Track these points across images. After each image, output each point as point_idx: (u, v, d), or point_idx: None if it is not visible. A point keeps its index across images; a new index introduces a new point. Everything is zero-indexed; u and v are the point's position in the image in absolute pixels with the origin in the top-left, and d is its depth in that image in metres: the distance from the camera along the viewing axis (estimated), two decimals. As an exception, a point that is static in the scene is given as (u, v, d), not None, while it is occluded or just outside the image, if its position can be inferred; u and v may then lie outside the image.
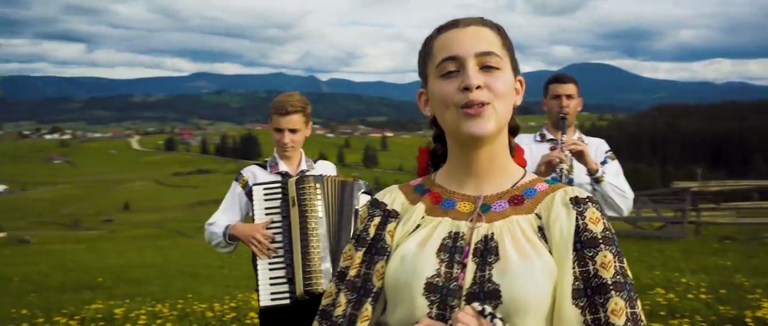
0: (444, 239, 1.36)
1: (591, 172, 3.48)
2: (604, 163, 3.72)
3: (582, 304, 1.25)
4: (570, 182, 3.55)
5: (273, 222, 3.13)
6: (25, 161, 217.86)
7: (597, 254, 1.28)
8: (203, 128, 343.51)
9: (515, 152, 1.50)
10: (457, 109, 1.31)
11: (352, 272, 1.39)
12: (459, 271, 1.32)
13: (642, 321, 1.28)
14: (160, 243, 26.66)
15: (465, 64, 1.32)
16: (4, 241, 42.98)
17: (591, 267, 1.27)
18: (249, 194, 3.23)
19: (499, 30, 1.40)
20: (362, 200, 3.17)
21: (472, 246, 1.34)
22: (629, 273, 1.32)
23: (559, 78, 3.76)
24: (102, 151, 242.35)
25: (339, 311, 1.37)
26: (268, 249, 3.07)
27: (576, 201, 1.35)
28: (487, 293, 1.26)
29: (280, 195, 3.14)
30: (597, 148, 3.75)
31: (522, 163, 1.50)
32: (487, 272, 1.29)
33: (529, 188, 1.41)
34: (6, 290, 10.00)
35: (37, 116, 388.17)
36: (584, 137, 3.84)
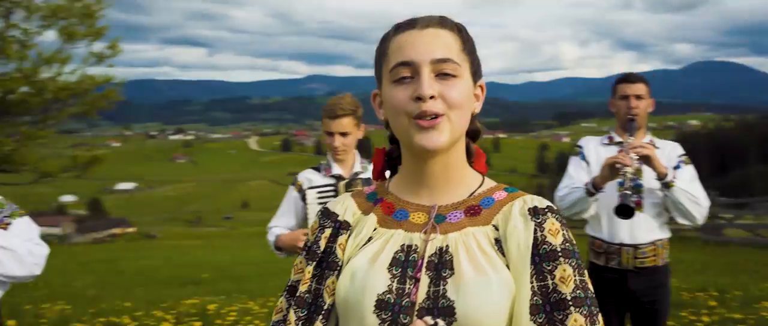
0: (396, 253, 1.29)
1: (660, 177, 3.32)
2: (677, 167, 3.48)
3: (540, 321, 1.19)
4: (638, 188, 3.40)
5: None
6: (151, 161, 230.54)
7: (556, 268, 1.22)
8: (317, 129, 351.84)
9: (476, 157, 1.41)
10: (409, 118, 1.24)
11: (303, 287, 1.33)
12: (411, 287, 1.25)
13: None
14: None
15: (419, 71, 1.24)
16: (134, 236, 45.68)
17: (550, 282, 1.21)
18: (304, 198, 3.29)
19: (460, 31, 1.31)
20: None
21: (426, 260, 1.27)
22: (590, 286, 1.24)
23: (627, 77, 3.60)
24: (222, 151, 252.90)
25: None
26: None
27: (535, 212, 1.27)
28: (440, 309, 1.20)
29: (332, 199, 3.14)
30: (670, 152, 3.56)
31: (482, 169, 1.41)
32: (442, 287, 1.22)
33: (486, 197, 1.33)
34: (119, 283, 10.58)
35: (162, 118, 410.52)
36: (657, 140, 3.64)
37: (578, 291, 1.20)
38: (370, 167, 3.33)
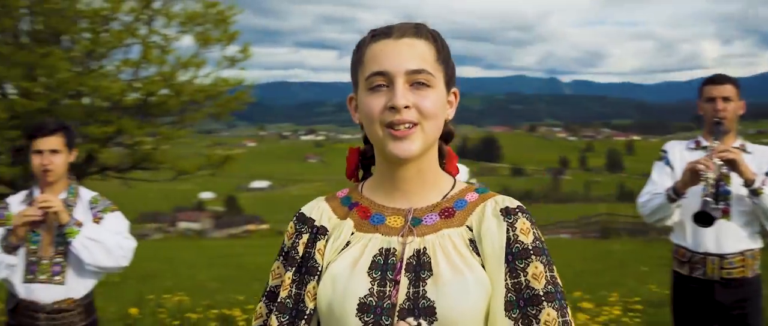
0: (375, 256, 1.33)
1: (747, 183, 3.18)
2: None
3: (515, 316, 1.26)
4: (726, 194, 3.25)
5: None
6: (284, 160, 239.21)
7: (528, 265, 1.28)
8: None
9: (447, 159, 1.45)
10: (383, 127, 1.29)
11: (283, 293, 1.34)
12: (392, 289, 1.29)
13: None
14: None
15: (394, 81, 1.27)
16: (266, 232, 47.44)
17: (523, 279, 1.27)
18: None
19: (435, 40, 1.35)
20: None
21: (405, 262, 1.30)
22: (560, 281, 1.30)
23: (714, 79, 3.46)
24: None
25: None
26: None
27: (506, 212, 1.33)
28: (421, 309, 1.25)
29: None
30: (761, 157, 3.42)
31: (453, 171, 1.46)
32: (421, 288, 1.27)
33: (459, 200, 1.38)
34: (239, 277, 10.94)
35: (294, 119, 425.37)
36: (749, 145, 3.48)
37: (549, 287, 1.28)
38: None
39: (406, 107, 1.27)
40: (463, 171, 3.50)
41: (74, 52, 26.49)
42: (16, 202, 3.66)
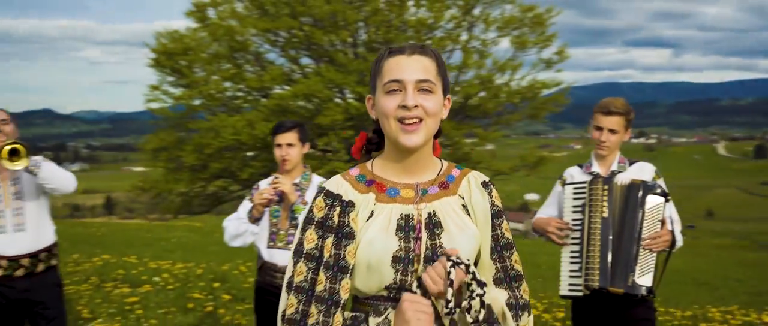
0: (398, 220, 1.76)
1: None
2: None
3: (494, 257, 1.83)
4: None
5: (574, 219, 3.28)
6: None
7: (501, 222, 1.84)
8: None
9: (434, 147, 1.88)
10: (396, 121, 1.69)
11: (326, 254, 1.71)
12: (415, 244, 1.74)
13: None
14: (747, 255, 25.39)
15: (406, 87, 1.68)
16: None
17: (499, 232, 1.84)
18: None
19: (436, 57, 1.78)
20: (651, 201, 3.14)
21: (423, 223, 1.76)
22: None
23: None
24: (686, 156, 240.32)
25: (320, 287, 1.68)
26: (562, 239, 3.29)
27: (485, 185, 1.87)
28: (440, 256, 1.69)
29: (584, 195, 3.25)
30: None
31: (436, 154, 1.89)
32: (438, 241, 1.75)
33: (449, 175, 1.85)
34: (536, 275, 11.01)
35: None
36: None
37: (511, 237, 1.85)
38: (633, 167, 3.25)
39: (415, 107, 1.67)
40: (649, 169, 3.34)
41: (401, 59, 28.86)
42: (263, 184, 4.30)
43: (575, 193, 3.27)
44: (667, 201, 3.13)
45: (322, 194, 1.79)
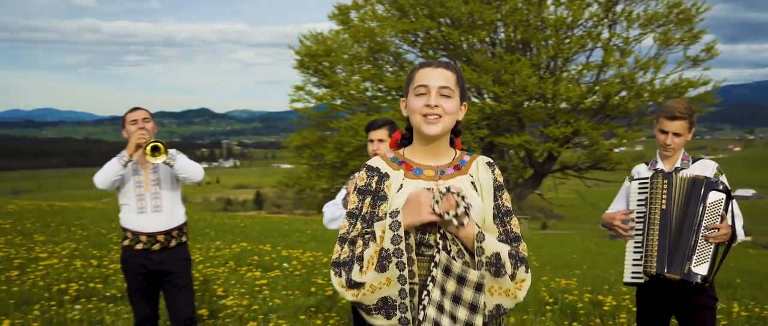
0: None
1: None
2: None
3: (497, 222, 2.19)
4: None
5: (639, 212, 3.43)
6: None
7: (502, 194, 2.22)
8: None
9: (456, 142, 2.32)
10: (421, 116, 2.13)
11: (365, 210, 2.19)
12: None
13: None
14: None
15: (430, 91, 2.13)
16: (747, 245, 43.47)
17: (500, 201, 2.21)
18: None
19: (456, 71, 2.21)
20: (713, 197, 3.23)
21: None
22: None
23: None
24: None
25: (355, 233, 2.15)
26: (626, 231, 3.44)
27: (489, 165, 2.26)
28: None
29: (646, 190, 3.40)
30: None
31: (458, 148, 2.32)
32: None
33: (461, 160, 2.26)
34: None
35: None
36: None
37: (510, 206, 2.22)
38: (695, 164, 3.30)
39: (436, 106, 2.12)
40: (711, 166, 3.39)
41: (537, 59, 28.59)
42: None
43: (640, 188, 3.45)
44: (729, 197, 3.20)
45: (365, 168, 2.28)
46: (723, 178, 3.32)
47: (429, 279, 2.04)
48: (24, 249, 9.17)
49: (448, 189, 2.04)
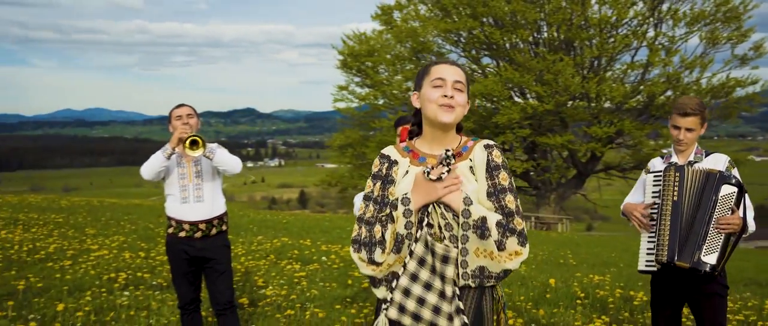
0: None
1: None
2: None
3: (492, 199, 2.32)
4: None
5: (654, 203, 3.57)
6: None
7: (499, 173, 2.34)
8: None
9: (462, 130, 2.54)
10: (438, 105, 2.34)
11: (376, 193, 2.45)
12: None
13: (520, 208, 2.33)
14: None
15: (447, 83, 2.36)
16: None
17: (496, 180, 2.34)
18: None
19: (465, 71, 2.44)
20: (725, 190, 3.35)
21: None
22: (514, 184, 2.37)
23: None
24: None
25: (368, 214, 2.42)
26: (644, 224, 3.58)
27: (487, 146, 2.39)
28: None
29: (661, 182, 3.53)
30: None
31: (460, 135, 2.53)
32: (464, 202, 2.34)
33: (464, 146, 2.44)
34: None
35: None
36: None
37: (509, 185, 2.34)
38: (708, 158, 3.41)
39: (451, 97, 2.33)
40: (723, 160, 3.49)
41: (580, 58, 28.37)
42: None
43: (654, 181, 3.59)
44: (741, 190, 3.30)
45: (379, 156, 2.54)
46: (735, 172, 3.42)
47: (409, 253, 2.26)
48: (76, 241, 9.60)
49: (445, 156, 2.27)
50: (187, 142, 4.16)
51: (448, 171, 2.26)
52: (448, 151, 2.27)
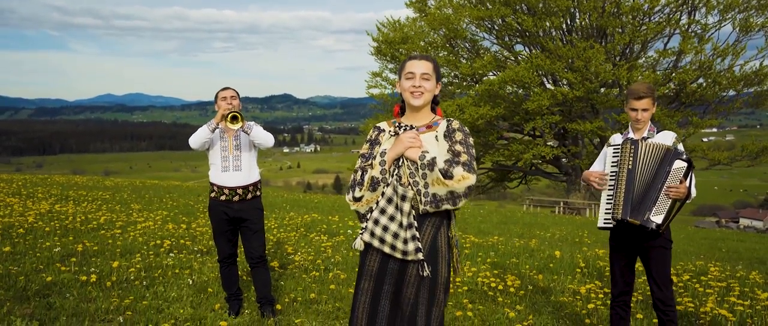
0: None
1: None
2: None
3: (448, 158, 2.84)
4: None
5: (612, 172, 4.13)
6: None
7: (454, 135, 2.93)
8: None
9: (438, 109, 3.14)
10: (409, 93, 2.97)
11: (364, 151, 3.11)
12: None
13: (472, 156, 2.88)
14: None
15: (415, 75, 2.97)
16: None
17: (453, 139, 2.91)
18: None
19: (433, 62, 3.04)
20: (677, 164, 3.90)
21: None
22: (472, 144, 2.96)
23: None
24: None
25: (358, 165, 3.07)
26: (600, 182, 4.14)
27: (449, 121, 3.00)
28: (426, 161, 2.89)
29: (619, 154, 4.09)
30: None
31: (439, 114, 3.13)
32: (423, 153, 2.91)
33: (435, 121, 3.04)
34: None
35: None
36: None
37: (463, 147, 2.88)
38: (658, 135, 4.02)
39: (419, 86, 2.94)
40: (671, 136, 4.08)
41: (612, 45, 28.45)
42: None
43: (613, 153, 4.18)
44: (690, 165, 3.89)
45: (373, 127, 3.21)
46: (680, 146, 3.99)
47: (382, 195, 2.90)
48: (123, 215, 10.41)
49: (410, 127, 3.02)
50: (229, 117, 4.83)
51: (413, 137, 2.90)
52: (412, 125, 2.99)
